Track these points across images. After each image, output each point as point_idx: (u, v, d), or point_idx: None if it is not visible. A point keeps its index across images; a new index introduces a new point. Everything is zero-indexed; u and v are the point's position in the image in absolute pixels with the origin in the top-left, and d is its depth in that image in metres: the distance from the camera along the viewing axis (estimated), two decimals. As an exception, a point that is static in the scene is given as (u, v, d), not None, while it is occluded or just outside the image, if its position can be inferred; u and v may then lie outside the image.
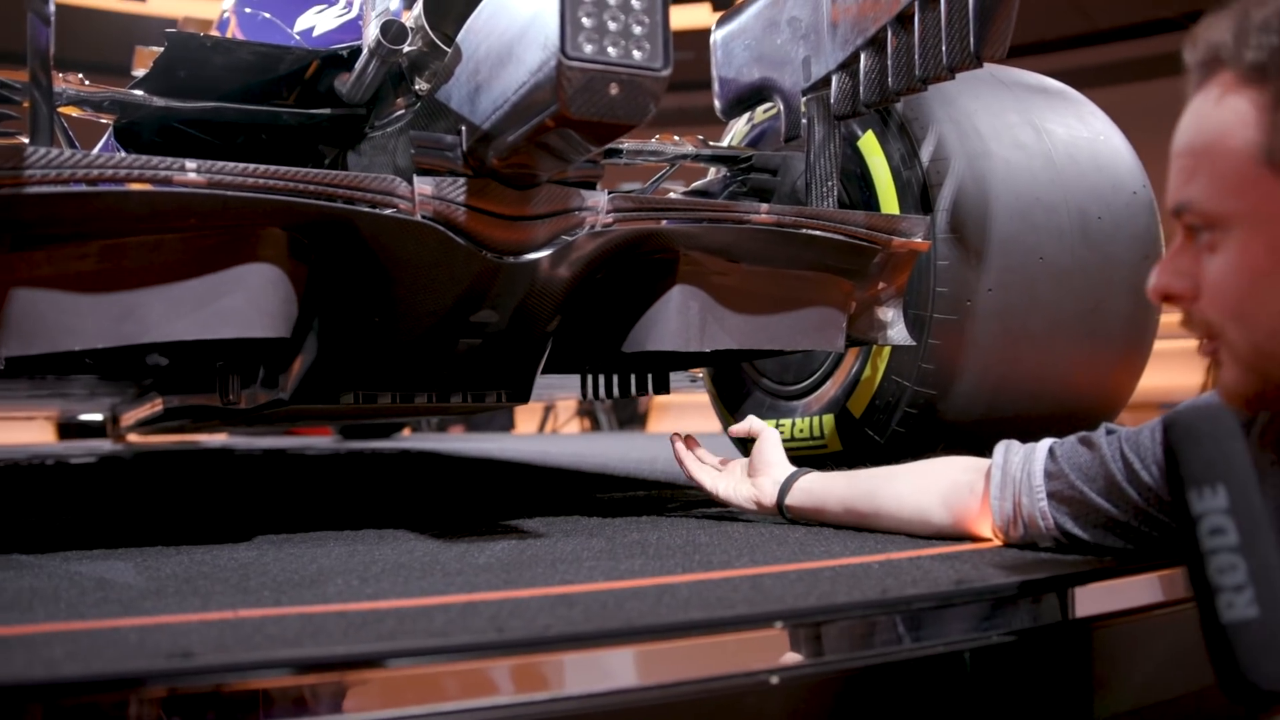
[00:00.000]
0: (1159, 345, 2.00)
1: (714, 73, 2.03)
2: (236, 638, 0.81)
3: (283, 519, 1.68)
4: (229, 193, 1.20)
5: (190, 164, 1.19)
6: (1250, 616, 0.66)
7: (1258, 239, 0.78)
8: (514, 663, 0.84)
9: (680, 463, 1.62)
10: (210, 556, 1.27)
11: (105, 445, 4.86)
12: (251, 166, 1.21)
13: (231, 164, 1.20)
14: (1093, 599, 1.13)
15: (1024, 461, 1.20)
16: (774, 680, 0.90)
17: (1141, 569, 1.17)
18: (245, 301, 1.25)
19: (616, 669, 0.87)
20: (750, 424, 1.58)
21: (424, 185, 1.30)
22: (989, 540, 1.28)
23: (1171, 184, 0.84)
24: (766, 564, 1.16)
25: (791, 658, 0.92)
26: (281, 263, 1.28)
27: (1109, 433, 1.15)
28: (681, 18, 10.27)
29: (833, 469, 1.48)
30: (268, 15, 1.91)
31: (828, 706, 0.94)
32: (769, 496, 1.48)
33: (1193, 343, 0.90)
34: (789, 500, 1.46)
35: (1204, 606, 0.69)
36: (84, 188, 1.15)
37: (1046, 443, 1.21)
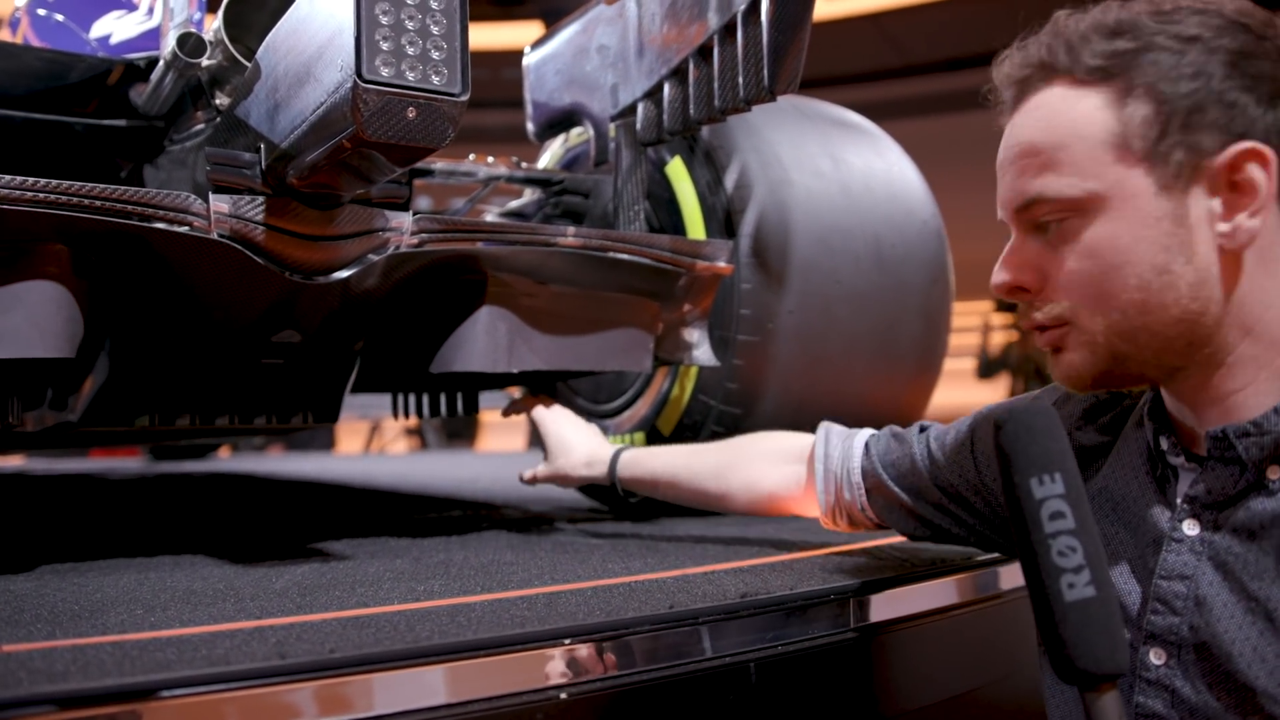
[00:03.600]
0: (949, 365, 2.12)
1: (526, 95, 2.06)
2: (-3, 674, 0.77)
3: (71, 547, 1.60)
4: (5, 206, 1.15)
5: None
6: (1089, 596, 0.71)
7: (1118, 219, 0.86)
8: (298, 688, 0.83)
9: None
10: (-18, 589, 1.20)
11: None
12: (31, 180, 1.16)
13: (8, 176, 1.15)
14: (875, 607, 1.19)
15: (843, 457, 1.29)
16: (563, 696, 0.92)
17: (919, 577, 1.25)
18: (24, 320, 1.19)
19: (405, 690, 0.87)
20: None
21: (220, 203, 1.27)
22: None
23: (1013, 186, 0.91)
24: (566, 582, 1.18)
25: (580, 673, 0.94)
26: (65, 280, 1.23)
27: (921, 429, 1.24)
28: (516, 35, 10.28)
29: None
30: (61, 18, 1.83)
31: (618, 720, 0.97)
32: (599, 467, 1.60)
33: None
34: (621, 473, 1.57)
35: (1042, 590, 0.72)
36: None
37: (864, 435, 1.29)
